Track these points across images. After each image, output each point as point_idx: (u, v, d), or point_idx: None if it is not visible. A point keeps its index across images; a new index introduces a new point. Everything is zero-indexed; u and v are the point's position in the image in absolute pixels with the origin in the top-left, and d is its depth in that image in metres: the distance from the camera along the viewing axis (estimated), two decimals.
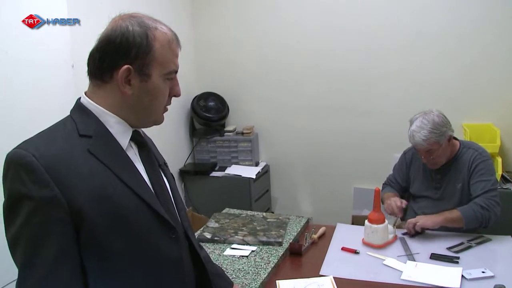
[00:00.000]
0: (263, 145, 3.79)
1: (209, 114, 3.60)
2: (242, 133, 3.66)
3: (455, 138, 2.21)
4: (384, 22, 3.21)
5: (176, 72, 1.07)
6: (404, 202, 2.19)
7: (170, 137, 3.50)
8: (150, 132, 1.35)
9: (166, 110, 1.10)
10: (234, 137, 3.66)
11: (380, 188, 2.04)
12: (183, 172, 3.61)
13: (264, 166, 3.70)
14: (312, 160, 3.65)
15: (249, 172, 3.51)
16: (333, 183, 3.62)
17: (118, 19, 1.01)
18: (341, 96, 3.44)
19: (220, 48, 3.73)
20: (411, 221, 2.06)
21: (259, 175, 3.55)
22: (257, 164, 3.69)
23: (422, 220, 2.04)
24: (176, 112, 3.57)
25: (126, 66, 0.98)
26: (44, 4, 2.02)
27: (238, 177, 3.47)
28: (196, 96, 3.66)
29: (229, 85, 3.75)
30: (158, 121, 1.10)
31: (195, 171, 3.60)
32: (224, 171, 3.56)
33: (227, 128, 3.72)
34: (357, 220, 2.72)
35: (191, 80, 3.77)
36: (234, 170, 3.57)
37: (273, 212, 3.62)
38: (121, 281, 0.98)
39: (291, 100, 3.60)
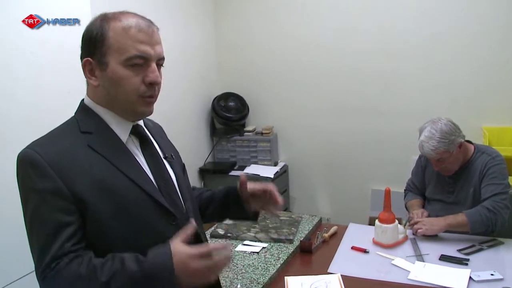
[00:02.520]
0: (282, 145, 3.84)
1: (229, 114, 3.67)
2: (262, 133, 3.72)
3: (470, 142, 2.19)
4: (403, 23, 3.21)
5: (143, 58, 1.06)
6: (425, 214, 2.19)
7: (191, 136, 3.59)
8: (171, 130, 1.42)
9: (149, 100, 1.10)
10: (253, 137, 3.73)
11: (391, 188, 2.04)
12: (203, 171, 3.69)
13: (283, 166, 3.74)
14: (331, 161, 3.68)
15: (268, 171, 3.57)
16: (351, 184, 3.63)
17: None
18: (360, 97, 3.46)
19: (241, 49, 3.80)
20: (415, 226, 2.07)
21: (277, 175, 3.59)
22: (275, 164, 3.74)
23: (424, 228, 2.04)
24: (197, 112, 3.66)
25: (85, 59, 1.07)
26: (66, 3, 2.10)
27: (256, 177, 3.51)
28: (216, 96, 3.74)
29: (250, 85, 3.81)
30: (138, 110, 1.10)
31: (215, 170, 3.67)
32: (243, 170, 3.63)
33: (246, 128, 3.79)
34: (374, 222, 2.72)
35: (212, 81, 3.85)
36: (253, 169, 3.63)
37: (290, 212, 3.66)
38: None
39: (310, 101, 3.64)
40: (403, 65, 3.27)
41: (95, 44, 1.05)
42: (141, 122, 1.20)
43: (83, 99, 1.15)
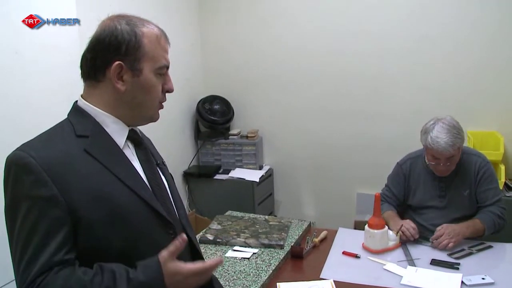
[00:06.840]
0: (267, 149, 3.81)
1: (214, 117, 3.62)
2: (247, 137, 3.69)
3: None
4: (390, 26, 3.21)
5: (167, 67, 1.10)
6: (413, 225, 2.10)
7: (175, 139, 3.52)
8: (155, 133, 1.38)
9: (161, 106, 1.14)
10: (238, 141, 3.69)
11: (376, 192, 2.04)
12: (187, 174, 3.63)
13: (268, 170, 3.71)
14: (316, 164, 3.66)
15: (253, 175, 3.53)
16: (337, 188, 3.62)
17: (107, 20, 1.06)
18: (346, 100, 3.45)
19: (225, 52, 3.76)
20: (444, 243, 1.96)
21: (262, 178, 3.56)
22: (261, 168, 3.71)
23: (454, 240, 1.96)
24: (181, 115, 3.60)
25: (117, 62, 1.02)
26: (52, 4, 2.05)
27: (241, 180, 3.49)
28: (201, 99, 3.69)
29: (235, 88, 3.77)
30: (154, 117, 1.13)
31: (199, 174, 3.62)
32: (228, 174, 3.59)
33: (231, 131, 3.74)
34: (360, 225, 2.71)
35: (196, 83, 3.79)
36: (238, 173, 3.59)
37: (276, 216, 3.63)
38: None
39: (296, 104, 3.62)
40: (391, 68, 3.27)
41: (128, 48, 1.02)
42: (136, 127, 1.15)
43: (76, 101, 1.09)
